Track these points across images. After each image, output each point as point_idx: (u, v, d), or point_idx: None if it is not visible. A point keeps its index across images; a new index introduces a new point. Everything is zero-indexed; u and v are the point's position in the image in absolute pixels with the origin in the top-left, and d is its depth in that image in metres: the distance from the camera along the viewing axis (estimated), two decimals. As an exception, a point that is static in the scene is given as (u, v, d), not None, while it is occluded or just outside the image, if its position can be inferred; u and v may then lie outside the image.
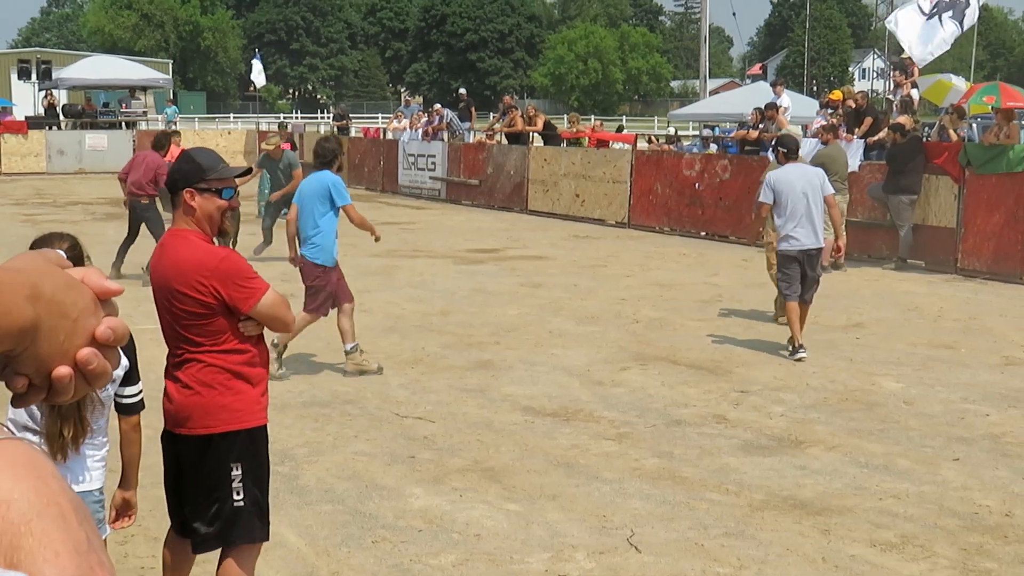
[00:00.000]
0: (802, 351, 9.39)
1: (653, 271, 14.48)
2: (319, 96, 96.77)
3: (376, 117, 61.62)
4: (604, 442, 7.07)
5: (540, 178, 21.31)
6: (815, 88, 72.16)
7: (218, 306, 4.01)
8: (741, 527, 5.62)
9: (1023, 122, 16.07)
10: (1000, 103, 15.51)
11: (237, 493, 4.09)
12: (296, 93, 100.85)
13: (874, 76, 75.52)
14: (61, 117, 32.69)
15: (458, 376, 8.74)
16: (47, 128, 31.19)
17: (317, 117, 63.62)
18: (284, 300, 4.19)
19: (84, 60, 39.13)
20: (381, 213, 19.58)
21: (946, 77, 20.27)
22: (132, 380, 3.94)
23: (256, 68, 41.65)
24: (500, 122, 25.15)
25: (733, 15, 69.20)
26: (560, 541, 5.41)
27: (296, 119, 57.12)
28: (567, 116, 27.34)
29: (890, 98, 19.94)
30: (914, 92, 18.22)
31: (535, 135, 23.76)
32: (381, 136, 28.77)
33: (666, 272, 14.38)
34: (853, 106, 17.62)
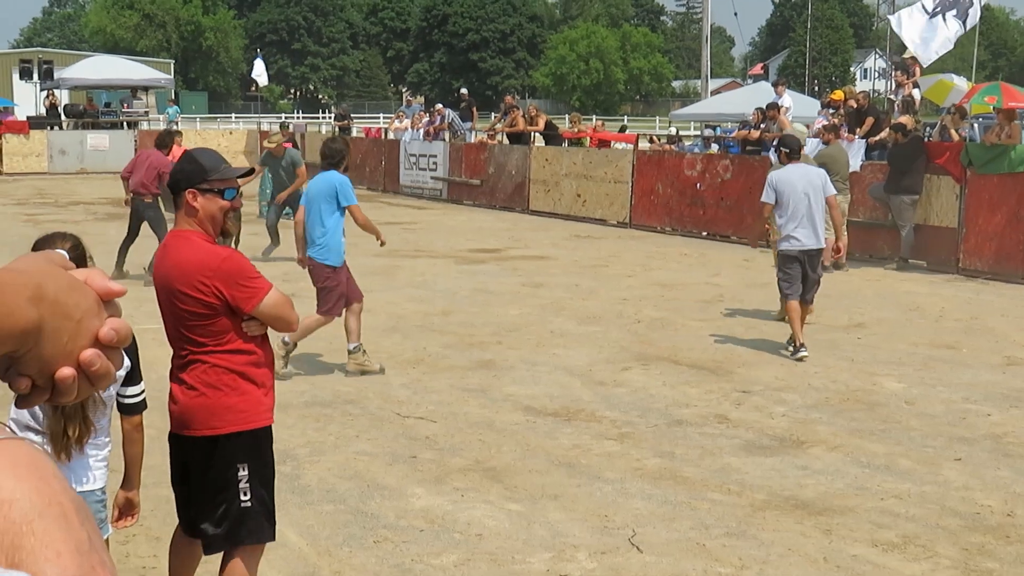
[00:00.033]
0: (803, 350, 9.40)
1: (654, 271, 14.48)
2: (321, 96, 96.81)
3: (378, 117, 61.62)
4: (606, 442, 7.07)
5: (541, 178, 21.31)
6: (816, 88, 72.12)
7: (221, 306, 4.00)
8: (743, 527, 5.62)
9: (1024, 122, 16.06)
10: (1002, 103, 15.49)
11: (244, 494, 4.09)
12: (298, 93, 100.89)
13: (876, 76, 75.42)
14: (63, 117, 32.68)
15: (460, 376, 8.74)
16: (49, 128, 31.20)
17: (319, 117, 63.63)
18: (287, 300, 4.18)
19: (86, 60, 39.14)
20: (382, 213, 19.57)
21: (948, 77, 20.26)
22: (134, 380, 3.95)
23: (258, 67, 41.62)
24: (501, 122, 25.16)
25: (735, 15, 69.20)
26: (562, 541, 5.42)
27: (297, 119, 57.16)
28: (568, 116, 27.36)
29: (892, 98, 19.94)
30: (916, 92, 18.22)
31: (536, 135, 23.77)
32: (383, 136, 28.78)
33: (667, 272, 14.38)
34: (855, 106, 17.62)
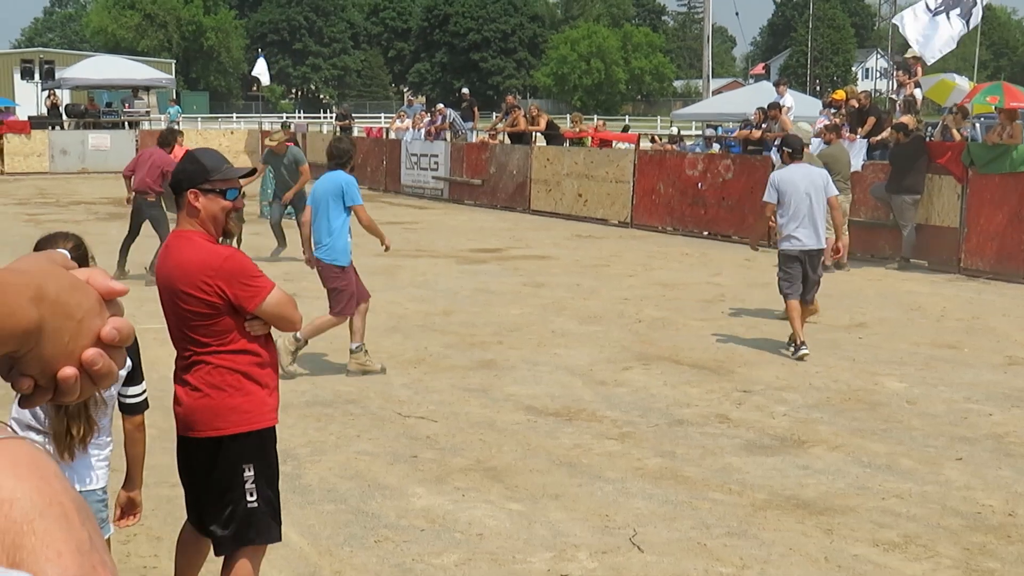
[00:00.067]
0: (804, 348, 9.40)
1: (656, 271, 14.47)
2: (322, 96, 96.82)
3: (379, 117, 61.65)
4: (607, 442, 7.07)
5: (543, 178, 21.30)
6: (818, 88, 72.04)
7: (224, 305, 3.99)
8: (744, 527, 5.62)
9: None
10: (1004, 103, 15.49)
11: (250, 494, 4.08)
12: (299, 93, 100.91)
13: (877, 76, 75.38)
14: (64, 117, 32.69)
15: (461, 376, 8.74)
16: (50, 128, 31.20)
17: (320, 117, 63.67)
18: (290, 299, 4.17)
19: (87, 60, 39.14)
20: (384, 213, 19.57)
21: (949, 77, 20.27)
22: (135, 380, 3.95)
23: (260, 66, 41.57)
24: (503, 122, 25.15)
25: (736, 15, 69.15)
26: (562, 541, 5.41)
27: (299, 119, 57.15)
28: (570, 116, 27.36)
29: (893, 98, 19.92)
30: (917, 92, 18.21)
31: (538, 135, 23.77)
32: (384, 136, 28.78)
33: (669, 272, 14.38)
34: (856, 106, 17.62)
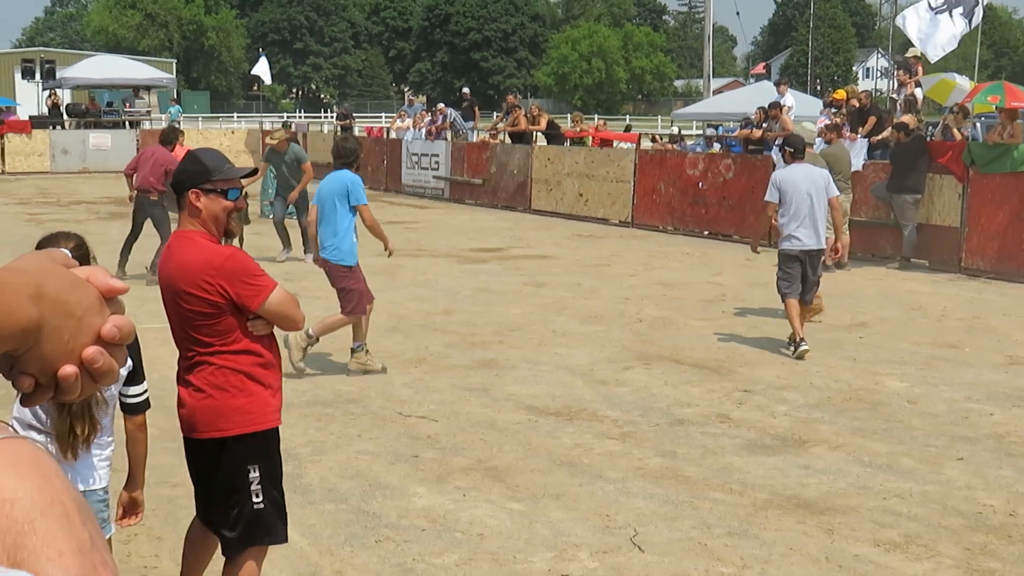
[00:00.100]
0: (804, 344, 9.41)
1: (656, 270, 14.47)
2: (323, 95, 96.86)
3: (380, 116, 61.72)
4: (607, 441, 7.07)
5: (543, 177, 21.30)
6: (819, 87, 72.09)
7: (226, 305, 3.99)
8: (744, 527, 5.62)
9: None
10: (1004, 103, 15.48)
11: (256, 495, 4.08)
12: (300, 92, 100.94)
13: (878, 75, 75.39)
14: (65, 116, 32.70)
15: (461, 375, 8.74)
16: (51, 127, 31.21)
17: (321, 116, 63.73)
18: (293, 298, 4.16)
19: (88, 59, 39.15)
20: (385, 212, 19.57)
21: (950, 76, 20.26)
22: (137, 379, 3.94)
23: (262, 65, 41.52)
24: (503, 121, 25.13)
25: (737, 14, 69.10)
26: (563, 540, 5.41)
27: (300, 118, 57.19)
28: (571, 115, 27.37)
29: (894, 97, 19.91)
30: (918, 91, 18.19)
31: (538, 134, 23.77)
32: (384, 135, 28.78)
33: (669, 271, 14.38)
34: (857, 105, 17.61)
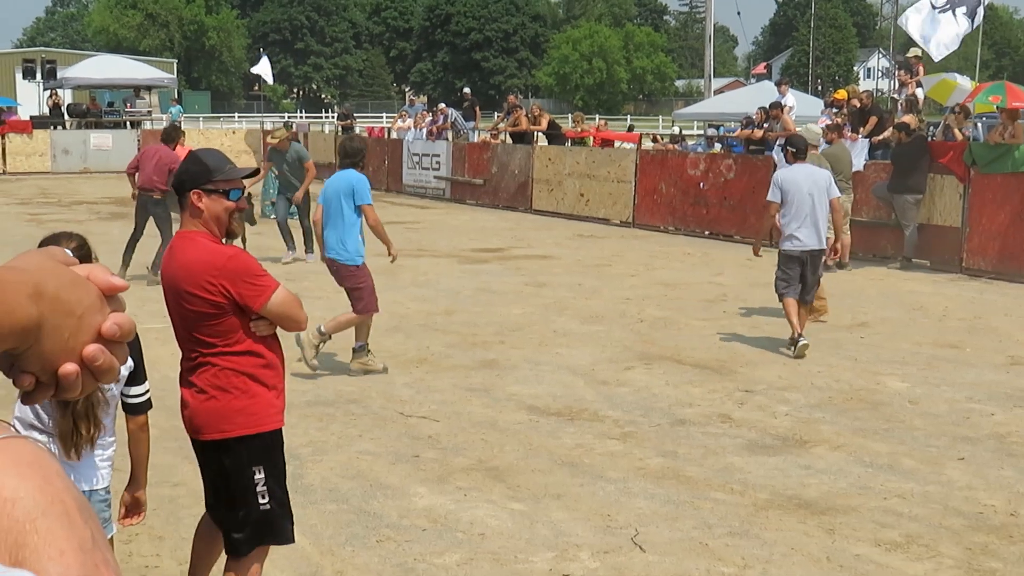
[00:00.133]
0: (803, 339, 9.42)
1: (657, 270, 14.47)
2: (323, 96, 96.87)
3: (380, 116, 61.75)
4: (608, 441, 7.07)
5: (544, 177, 21.30)
6: (820, 87, 72.08)
7: (228, 305, 3.98)
8: (745, 526, 5.61)
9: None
10: (1006, 103, 15.47)
11: (263, 497, 4.08)
12: (300, 92, 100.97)
13: (879, 75, 75.34)
14: (66, 117, 32.71)
15: (463, 375, 8.74)
16: (52, 128, 31.22)
17: (321, 116, 63.76)
18: (296, 298, 4.15)
19: (89, 60, 39.17)
20: (386, 212, 19.53)
21: (951, 76, 20.25)
22: (138, 379, 3.94)
23: (264, 65, 41.47)
24: (504, 121, 25.13)
25: (738, 14, 69.14)
26: (564, 540, 5.41)
27: (300, 118, 57.21)
28: (571, 115, 27.37)
29: (895, 97, 19.92)
30: (919, 91, 18.20)
31: (539, 134, 23.77)
32: (385, 135, 28.77)
33: (670, 271, 14.37)
34: (858, 105, 17.61)
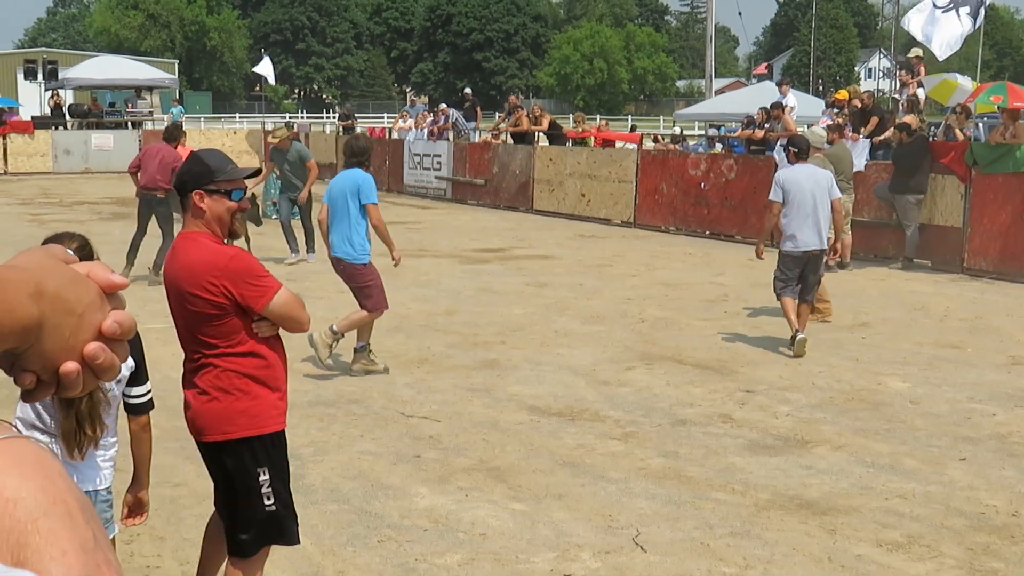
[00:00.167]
0: (800, 333, 9.43)
1: (659, 271, 14.46)
2: (325, 96, 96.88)
3: (381, 117, 61.76)
4: (610, 442, 7.07)
5: (546, 178, 21.30)
6: (821, 87, 72.08)
7: (230, 306, 3.97)
8: (747, 527, 5.61)
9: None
10: (1007, 103, 15.45)
11: (268, 498, 4.07)
12: (302, 93, 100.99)
13: (880, 76, 75.36)
14: (67, 117, 32.73)
15: (464, 376, 8.74)
16: (53, 128, 31.24)
17: (323, 117, 63.77)
18: (298, 299, 4.13)
19: (90, 60, 39.19)
20: (387, 213, 19.46)
21: (952, 76, 20.22)
22: (140, 380, 3.94)
23: (266, 65, 41.50)
24: (505, 122, 25.13)
25: (739, 15, 69.04)
26: (566, 541, 5.41)
27: (302, 119, 57.22)
28: (572, 116, 27.36)
29: (896, 97, 19.91)
30: (920, 91, 18.19)
31: (540, 135, 23.76)
32: (387, 136, 28.77)
33: (672, 272, 14.37)
34: (859, 106, 17.60)
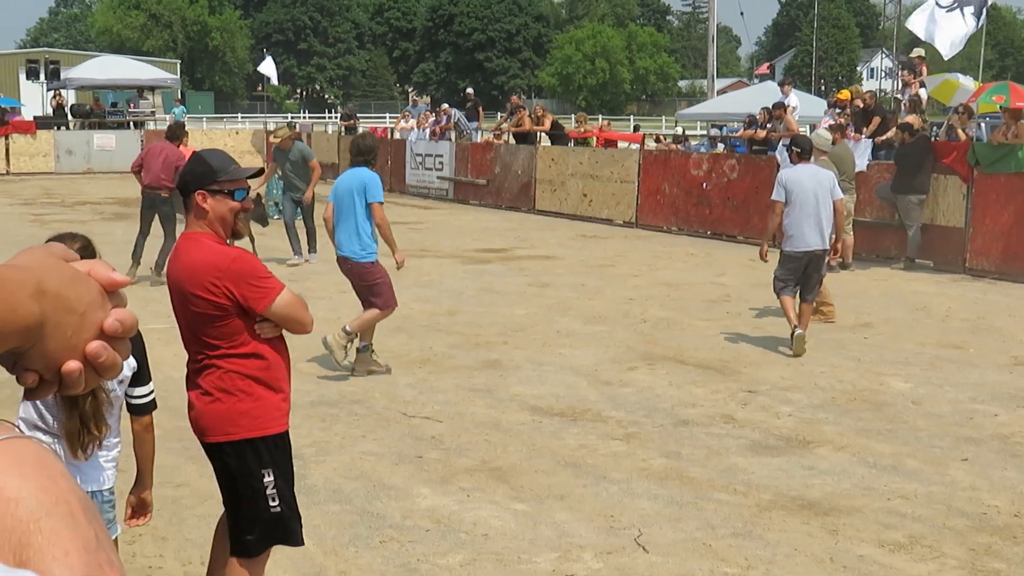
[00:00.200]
0: (798, 329, 9.45)
1: (661, 271, 14.46)
2: (327, 96, 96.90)
3: (384, 117, 61.77)
4: (612, 442, 7.06)
5: (547, 178, 21.30)
6: (823, 87, 71.98)
7: (232, 307, 3.96)
8: (749, 527, 5.61)
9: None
10: (1010, 103, 15.44)
11: (272, 499, 4.06)
12: (304, 93, 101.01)
13: (882, 75, 75.25)
14: (69, 117, 32.76)
15: (466, 376, 8.74)
16: (55, 128, 31.28)
17: (325, 117, 63.76)
18: (300, 300, 4.13)
19: (92, 60, 39.22)
20: (389, 213, 19.42)
21: (954, 76, 20.21)
22: (143, 380, 3.94)
23: (268, 65, 41.47)
24: (507, 122, 25.13)
25: (741, 14, 68.93)
26: (568, 541, 5.41)
27: (304, 119, 57.23)
28: (574, 116, 27.36)
29: (898, 97, 19.91)
30: (922, 91, 18.18)
31: (542, 135, 23.77)
32: (388, 136, 28.79)
33: (674, 272, 14.37)
34: (861, 105, 17.59)
